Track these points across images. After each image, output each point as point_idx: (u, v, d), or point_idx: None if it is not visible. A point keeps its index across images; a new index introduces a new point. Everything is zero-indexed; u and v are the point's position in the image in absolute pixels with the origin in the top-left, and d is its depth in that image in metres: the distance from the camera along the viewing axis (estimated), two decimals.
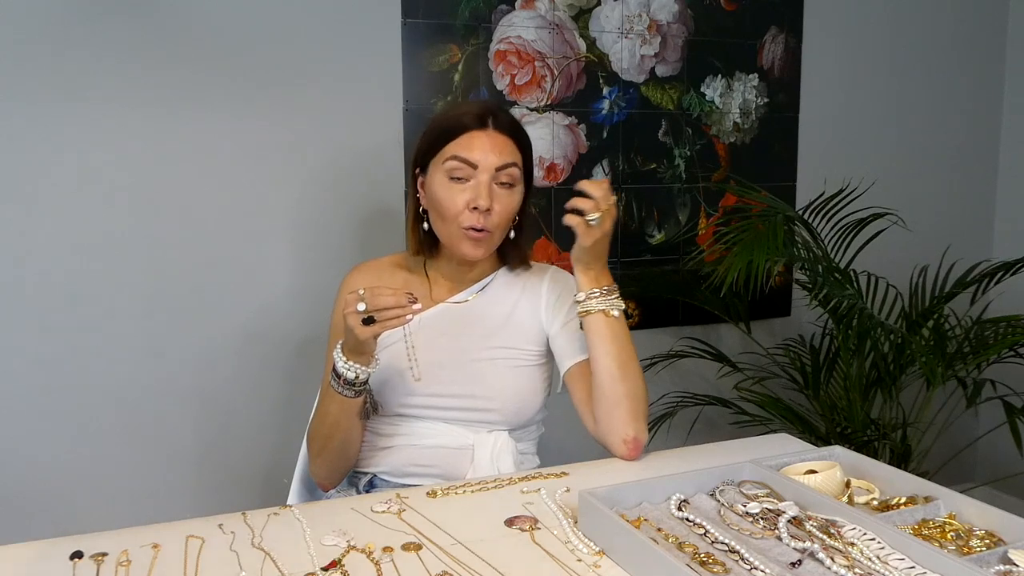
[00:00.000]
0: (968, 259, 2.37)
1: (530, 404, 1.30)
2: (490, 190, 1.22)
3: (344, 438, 1.24)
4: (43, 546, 0.96)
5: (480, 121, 1.23)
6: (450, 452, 1.27)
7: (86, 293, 1.83)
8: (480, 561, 0.92)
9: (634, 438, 1.21)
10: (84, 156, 1.80)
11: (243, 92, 1.89)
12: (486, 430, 1.28)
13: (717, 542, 0.90)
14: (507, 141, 1.24)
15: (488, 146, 1.22)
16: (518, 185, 1.26)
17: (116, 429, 1.89)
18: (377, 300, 1.08)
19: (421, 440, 1.28)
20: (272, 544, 0.97)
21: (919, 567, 0.83)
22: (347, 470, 1.31)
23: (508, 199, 1.24)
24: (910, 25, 2.57)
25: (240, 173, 1.91)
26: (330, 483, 1.31)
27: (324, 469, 1.28)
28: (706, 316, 2.36)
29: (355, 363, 1.16)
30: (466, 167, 1.22)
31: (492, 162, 1.22)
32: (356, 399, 1.20)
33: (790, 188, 2.46)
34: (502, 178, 1.23)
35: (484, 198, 1.21)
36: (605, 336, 1.21)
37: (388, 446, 1.29)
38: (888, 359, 2.13)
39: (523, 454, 1.33)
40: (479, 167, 1.22)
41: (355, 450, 1.29)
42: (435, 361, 1.27)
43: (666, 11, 2.25)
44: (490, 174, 1.22)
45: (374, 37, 1.97)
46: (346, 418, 1.22)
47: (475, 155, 1.22)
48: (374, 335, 1.11)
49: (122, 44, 1.80)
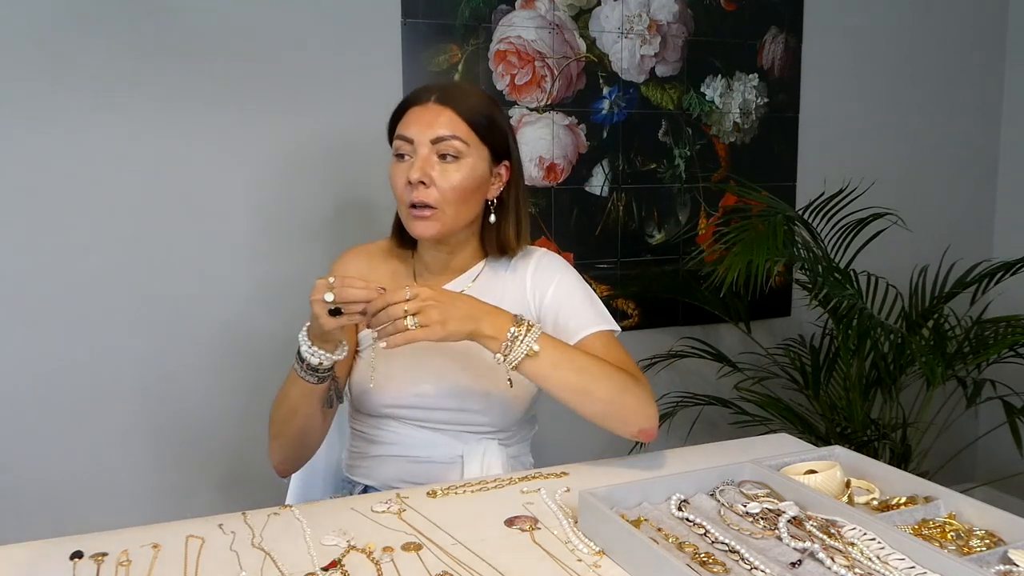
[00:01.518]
0: (968, 259, 2.37)
1: (520, 403, 1.27)
2: (425, 163, 1.18)
3: (303, 425, 1.20)
4: (43, 546, 0.96)
5: (422, 96, 1.21)
6: (439, 466, 1.25)
7: (86, 292, 1.83)
8: (480, 561, 0.92)
9: (639, 431, 1.16)
10: (70, 155, 1.80)
11: (243, 92, 1.89)
12: (475, 438, 1.26)
13: (717, 542, 0.90)
14: (448, 114, 1.19)
15: (425, 120, 1.19)
16: (464, 158, 1.19)
17: (116, 429, 1.89)
18: (346, 292, 1.02)
19: (409, 451, 1.27)
20: (272, 544, 0.97)
21: (919, 567, 0.83)
22: (305, 458, 1.28)
23: (454, 173, 1.19)
24: (910, 25, 2.58)
25: (239, 173, 1.91)
26: (285, 468, 1.28)
27: (279, 453, 1.25)
28: (706, 316, 2.36)
29: (319, 349, 1.12)
30: (405, 143, 1.20)
31: (427, 135, 1.18)
32: (319, 386, 1.16)
33: (790, 188, 2.46)
34: (442, 150, 1.18)
35: (416, 170, 1.17)
36: (546, 375, 1.11)
37: (379, 455, 1.29)
38: (888, 359, 2.13)
39: (515, 458, 1.31)
40: (415, 141, 1.19)
41: (315, 439, 1.25)
42: (419, 360, 1.25)
43: (666, 11, 2.25)
44: (428, 148, 1.18)
45: (374, 37, 1.97)
46: (306, 404, 1.18)
47: (411, 130, 1.19)
48: (339, 327, 1.06)
49: (121, 44, 1.79)
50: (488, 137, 1.22)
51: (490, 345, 1.08)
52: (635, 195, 2.28)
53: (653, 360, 2.29)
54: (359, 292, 1.03)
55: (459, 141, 1.19)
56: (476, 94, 1.25)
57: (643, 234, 2.31)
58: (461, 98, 1.21)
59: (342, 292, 1.02)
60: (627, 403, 1.15)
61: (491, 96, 1.29)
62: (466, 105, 1.20)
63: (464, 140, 1.19)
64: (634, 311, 2.32)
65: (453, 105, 1.20)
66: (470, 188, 1.21)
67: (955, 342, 2.10)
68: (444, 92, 1.21)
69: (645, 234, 2.31)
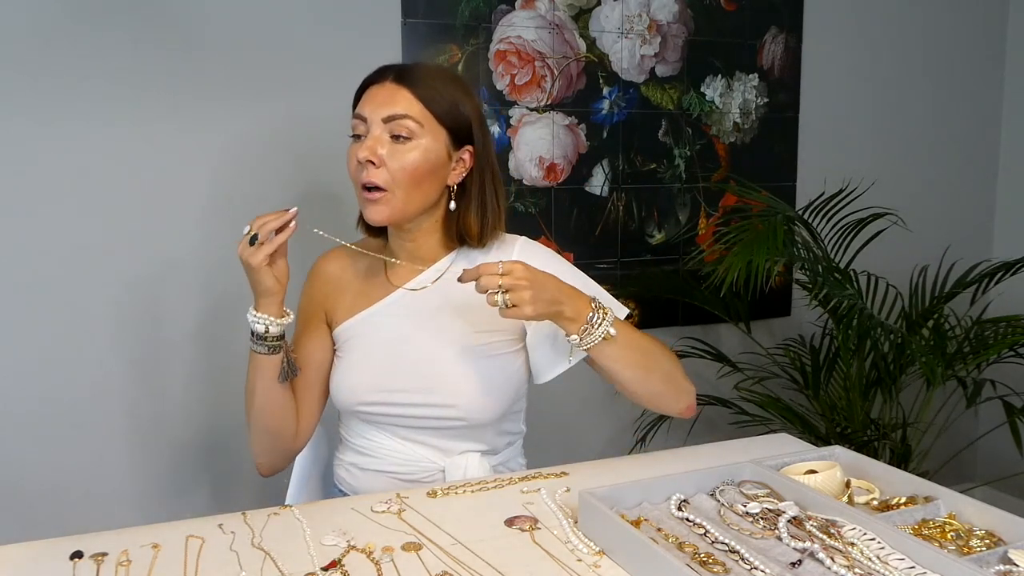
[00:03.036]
0: (968, 259, 2.37)
1: (496, 400, 1.21)
2: (376, 142, 1.14)
3: (263, 404, 1.19)
4: (43, 546, 0.96)
5: (381, 75, 1.17)
6: (421, 485, 1.22)
7: (84, 291, 1.83)
8: (480, 561, 0.92)
9: (687, 407, 1.22)
10: (74, 156, 1.80)
11: (242, 92, 1.89)
12: (457, 449, 1.23)
13: (717, 542, 0.90)
14: (403, 93, 1.15)
15: (379, 98, 1.15)
16: (417, 139, 1.15)
17: (116, 429, 1.89)
18: (258, 220, 1.10)
19: (390, 465, 1.25)
20: (272, 544, 0.97)
21: (919, 567, 0.83)
22: (279, 450, 1.24)
23: (405, 154, 1.14)
24: (910, 25, 2.58)
25: (239, 173, 1.91)
26: (263, 462, 1.25)
27: (254, 444, 1.24)
28: (706, 316, 2.36)
29: (264, 314, 1.13)
30: (360, 123, 1.16)
31: (379, 114, 1.14)
32: (271, 357, 1.16)
33: (790, 188, 2.46)
34: (394, 130, 1.14)
35: (364, 149, 1.14)
36: (616, 356, 1.13)
37: (364, 467, 1.28)
38: (888, 359, 2.13)
39: (502, 464, 1.29)
40: (368, 120, 1.15)
41: (281, 423, 1.22)
42: (390, 354, 1.23)
43: (666, 11, 2.25)
44: (379, 127, 1.14)
45: (374, 37, 1.97)
46: (262, 380, 1.17)
47: (365, 108, 1.16)
48: (265, 257, 1.09)
49: (119, 43, 1.79)
50: (447, 119, 1.17)
51: (569, 327, 1.10)
52: (635, 195, 2.28)
53: None
54: (270, 216, 1.10)
55: (412, 121, 1.14)
56: (440, 75, 1.19)
57: (643, 234, 2.31)
58: (421, 78, 1.16)
59: (256, 222, 1.11)
60: (679, 380, 1.19)
61: (461, 80, 1.24)
62: (424, 85, 1.15)
63: (417, 120, 1.15)
64: (634, 311, 2.32)
65: (409, 84, 1.15)
66: (423, 170, 1.16)
67: (955, 342, 2.10)
68: (403, 71, 1.17)
69: (645, 234, 2.31)
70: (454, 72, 1.25)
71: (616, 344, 1.12)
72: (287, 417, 1.23)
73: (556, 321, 1.10)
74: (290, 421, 1.24)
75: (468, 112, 1.20)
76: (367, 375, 1.24)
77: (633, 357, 1.14)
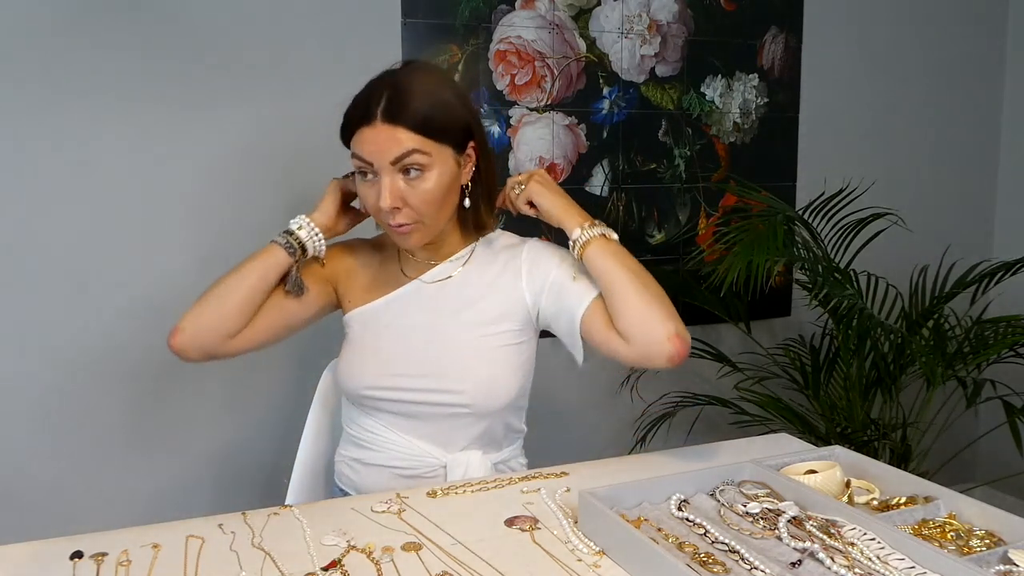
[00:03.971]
0: (968, 259, 2.37)
1: (502, 387, 1.23)
2: (393, 188, 1.14)
3: (236, 288, 1.21)
4: (43, 546, 0.96)
5: (366, 114, 1.14)
6: (422, 480, 1.24)
7: (86, 291, 1.83)
8: (480, 561, 0.92)
9: (675, 333, 1.13)
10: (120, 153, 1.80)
11: (242, 92, 1.89)
12: (459, 444, 1.24)
13: (717, 542, 0.90)
14: (400, 132, 1.12)
15: (377, 142, 1.13)
16: (430, 168, 1.15)
17: (117, 429, 1.89)
18: None
19: (392, 460, 1.25)
20: (272, 544, 0.97)
21: (919, 567, 0.83)
22: (209, 336, 1.22)
23: (422, 186, 1.15)
24: (910, 25, 2.58)
25: (239, 172, 1.91)
26: (187, 335, 1.22)
27: (195, 317, 1.22)
28: (706, 316, 2.36)
29: (308, 218, 1.24)
30: (365, 164, 1.16)
31: (385, 158, 1.13)
32: (280, 254, 1.22)
33: (790, 188, 2.46)
34: (404, 166, 1.14)
35: (385, 199, 1.14)
36: (614, 255, 1.18)
37: (366, 462, 1.28)
38: (888, 359, 2.13)
39: (503, 462, 1.29)
40: (375, 165, 1.14)
41: (233, 312, 1.21)
42: (401, 343, 1.24)
43: (666, 11, 2.25)
44: (389, 170, 1.14)
45: (374, 37, 1.97)
46: (256, 270, 1.22)
47: (367, 154, 1.14)
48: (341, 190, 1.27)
49: (118, 43, 1.79)
50: (448, 135, 1.17)
51: (571, 221, 1.22)
52: (635, 195, 2.28)
53: None
54: None
55: (419, 154, 1.13)
56: (423, 90, 1.14)
57: (643, 234, 2.31)
58: (410, 107, 1.13)
59: None
60: (669, 307, 1.17)
61: (439, 77, 1.22)
62: (416, 114, 1.13)
63: (424, 151, 1.14)
64: None
65: (402, 120, 1.12)
66: (442, 193, 1.18)
67: (955, 342, 2.10)
68: (390, 107, 1.13)
69: (645, 234, 2.31)
70: (430, 70, 1.21)
71: (611, 247, 1.20)
72: (243, 315, 1.23)
73: (564, 219, 1.22)
74: (242, 322, 1.23)
75: (461, 111, 1.19)
76: (376, 362, 1.25)
77: (630, 263, 1.20)
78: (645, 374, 2.31)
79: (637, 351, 1.15)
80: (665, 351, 1.13)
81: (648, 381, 2.34)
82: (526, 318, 1.26)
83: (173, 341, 1.24)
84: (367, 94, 1.16)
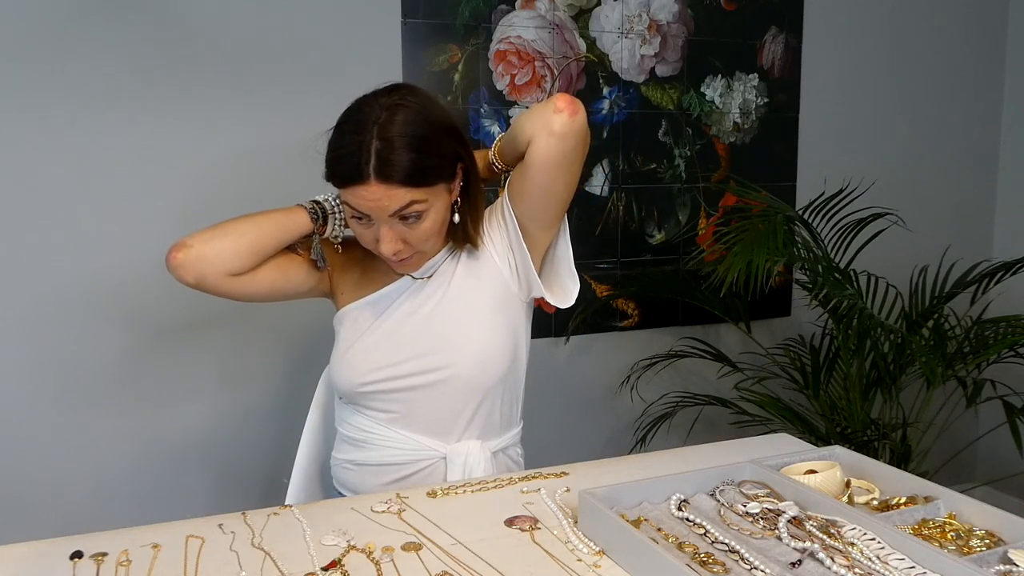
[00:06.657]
0: (968, 259, 2.37)
1: (492, 354, 1.24)
2: (393, 236, 1.15)
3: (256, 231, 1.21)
4: (43, 546, 0.96)
5: (358, 173, 1.11)
6: (421, 474, 1.25)
7: (87, 291, 1.83)
8: (480, 561, 0.92)
9: (558, 106, 1.17)
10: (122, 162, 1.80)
11: (243, 91, 1.89)
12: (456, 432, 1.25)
13: (717, 542, 0.90)
14: (394, 189, 1.11)
15: (372, 200, 1.12)
16: (428, 210, 1.16)
17: (117, 429, 1.89)
18: None
19: (392, 458, 1.26)
20: (272, 544, 0.97)
21: (919, 567, 0.83)
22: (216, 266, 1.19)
23: (422, 226, 1.16)
24: (910, 25, 2.58)
25: (239, 172, 1.91)
26: (194, 253, 1.18)
27: (210, 240, 1.20)
28: (706, 316, 2.36)
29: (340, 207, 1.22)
30: (361, 213, 1.15)
31: (383, 212, 1.13)
32: (303, 217, 1.23)
33: (790, 188, 2.46)
34: (404, 214, 1.14)
35: (386, 245, 1.15)
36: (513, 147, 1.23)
37: (362, 463, 1.28)
38: (888, 359, 2.13)
39: (502, 450, 1.30)
40: (373, 217, 1.14)
41: (245, 250, 1.20)
42: (392, 336, 1.26)
43: (666, 11, 2.25)
44: (387, 222, 1.14)
45: (374, 37, 1.97)
46: (279, 226, 1.22)
47: (364, 208, 1.14)
48: None
49: (117, 44, 1.79)
50: (441, 174, 1.17)
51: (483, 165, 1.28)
52: (635, 195, 2.28)
53: (653, 360, 2.29)
54: None
55: (417, 203, 1.14)
56: (410, 139, 1.12)
57: (643, 234, 2.31)
58: (401, 161, 1.11)
59: None
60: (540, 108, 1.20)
61: (422, 111, 1.15)
62: (409, 166, 1.11)
63: (421, 200, 1.14)
64: (634, 311, 2.32)
65: (396, 177, 1.11)
66: (440, 225, 1.20)
67: (955, 342, 2.10)
68: (382, 164, 1.10)
69: (645, 234, 2.31)
70: (410, 107, 1.15)
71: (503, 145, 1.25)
72: (252, 258, 1.22)
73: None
74: (248, 264, 1.22)
75: (448, 144, 1.18)
76: (368, 355, 1.26)
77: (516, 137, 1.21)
78: (645, 374, 2.31)
79: (539, 136, 1.18)
80: (559, 115, 1.17)
81: (648, 381, 2.34)
82: (505, 283, 1.28)
83: (176, 255, 1.18)
84: (354, 149, 1.12)
